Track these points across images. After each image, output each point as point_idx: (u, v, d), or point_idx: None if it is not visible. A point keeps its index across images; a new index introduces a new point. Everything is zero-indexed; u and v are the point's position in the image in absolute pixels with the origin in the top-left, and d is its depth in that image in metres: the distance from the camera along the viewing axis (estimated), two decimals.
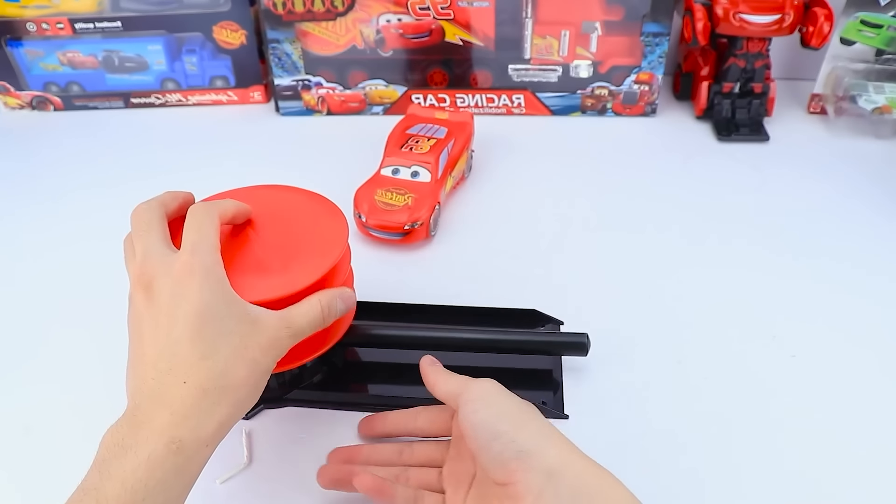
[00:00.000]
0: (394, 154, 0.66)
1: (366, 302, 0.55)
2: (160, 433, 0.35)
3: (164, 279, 0.38)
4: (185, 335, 0.37)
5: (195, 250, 0.39)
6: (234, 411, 0.38)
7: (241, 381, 0.38)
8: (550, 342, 0.53)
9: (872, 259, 0.63)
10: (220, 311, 0.38)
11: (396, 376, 0.54)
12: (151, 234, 0.41)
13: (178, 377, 0.37)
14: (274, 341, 0.40)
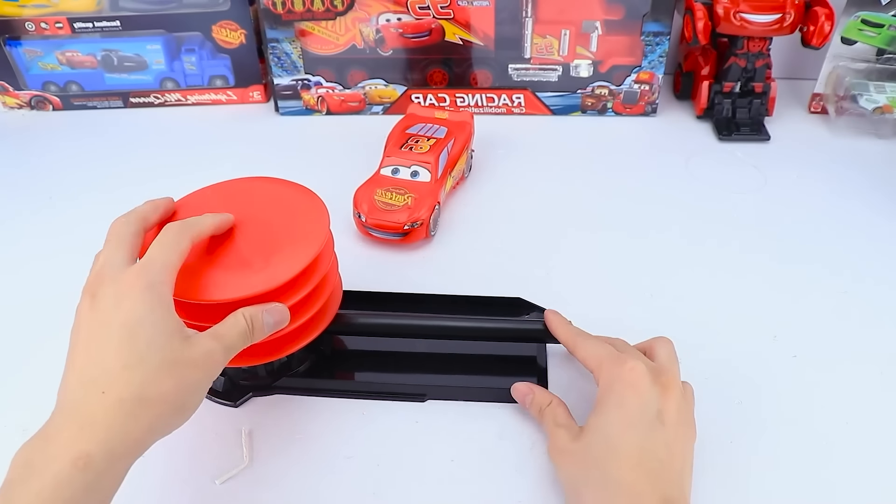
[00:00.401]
0: (393, 154, 0.66)
1: (353, 291, 0.56)
2: (67, 448, 0.34)
3: (108, 289, 0.39)
4: (112, 344, 0.37)
5: (147, 266, 0.39)
6: (155, 426, 0.37)
7: (164, 394, 0.37)
8: (535, 329, 0.53)
9: (873, 258, 0.63)
10: (153, 326, 0.38)
11: (382, 364, 0.55)
12: (118, 250, 0.41)
13: (98, 387, 0.36)
14: (207, 356, 0.39)
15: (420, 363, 0.55)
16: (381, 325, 0.53)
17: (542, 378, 0.53)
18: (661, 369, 0.44)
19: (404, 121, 0.71)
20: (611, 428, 0.42)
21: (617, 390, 0.43)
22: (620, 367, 0.43)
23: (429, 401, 0.52)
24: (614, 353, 0.45)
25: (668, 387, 0.43)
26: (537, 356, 0.54)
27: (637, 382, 0.43)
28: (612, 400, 0.43)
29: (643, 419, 0.41)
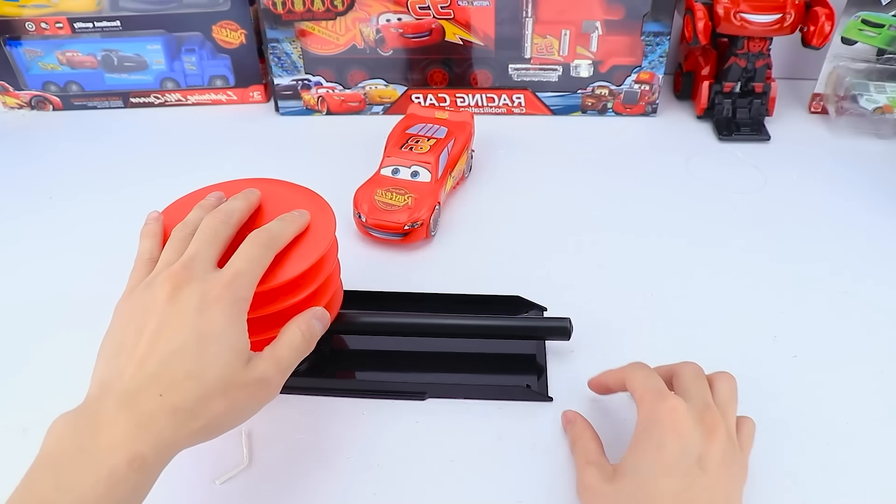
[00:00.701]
0: (394, 154, 0.66)
1: (353, 290, 0.56)
2: (123, 446, 0.34)
3: (194, 290, 0.38)
4: (183, 347, 0.37)
5: (236, 279, 0.40)
6: (194, 438, 0.37)
7: (214, 414, 0.37)
8: (534, 327, 0.54)
9: (873, 258, 0.63)
10: (225, 342, 0.38)
11: (383, 363, 0.55)
12: (210, 247, 0.41)
13: (157, 388, 0.36)
14: (261, 382, 0.40)
15: (420, 362, 0.55)
16: (380, 323, 0.53)
17: (542, 376, 0.53)
18: (706, 410, 0.41)
19: (404, 121, 0.71)
20: (647, 472, 0.39)
21: (656, 430, 0.40)
22: (661, 404, 0.40)
23: (429, 400, 0.52)
24: (658, 388, 0.42)
25: (713, 429, 0.40)
26: (536, 354, 0.55)
27: (678, 424, 0.39)
28: (651, 441, 0.40)
29: (682, 465, 0.38)
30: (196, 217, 0.44)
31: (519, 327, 0.54)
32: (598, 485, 0.41)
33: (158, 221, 0.45)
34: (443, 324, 0.53)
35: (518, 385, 0.52)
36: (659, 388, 0.42)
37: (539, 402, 0.51)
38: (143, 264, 0.43)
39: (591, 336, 0.55)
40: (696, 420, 0.40)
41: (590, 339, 0.55)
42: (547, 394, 0.52)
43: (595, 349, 0.55)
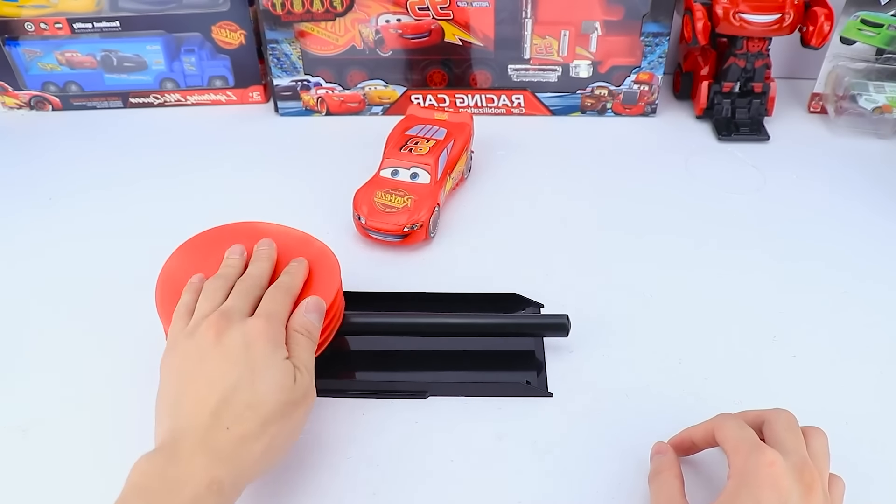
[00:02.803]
0: (393, 155, 0.66)
1: (352, 292, 0.56)
2: (203, 473, 0.38)
3: (236, 331, 0.43)
4: (239, 383, 0.41)
5: (270, 320, 0.44)
6: (260, 464, 0.41)
7: (275, 434, 0.41)
8: (533, 324, 0.55)
9: (872, 258, 0.63)
10: (275, 372, 0.42)
11: (383, 363, 0.56)
12: (243, 300, 0.45)
13: (224, 423, 0.40)
14: (306, 392, 0.44)
15: (420, 361, 0.55)
16: (380, 324, 0.54)
17: (541, 372, 0.53)
18: (805, 465, 0.39)
19: (403, 122, 0.71)
20: None
21: (752, 484, 0.38)
22: (759, 458, 0.38)
23: (429, 400, 0.52)
24: (753, 440, 0.40)
25: (811, 486, 0.38)
26: (535, 350, 0.55)
27: (777, 479, 0.37)
28: (748, 495, 0.37)
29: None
30: (225, 273, 0.48)
31: (518, 324, 0.55)
32: None
33: (201, 280, 0.48)
34: (442, 322, 0.53)
35: (518, 382, 0.53)
36: (753, 440, 0.40)
37: (538, 401, 0.52)
38: (181, 316, 0.46)
39: (590, 334, 0.56)
40: (795, 477, 0.38)
41: (589, 338, 0.55)
42: (547, 390, 0.52)
43: (594, 347, 0.55)
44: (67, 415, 0.51)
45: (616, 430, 0.50)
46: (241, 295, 0.46)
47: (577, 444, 0.49)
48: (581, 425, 0.50)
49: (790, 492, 0.37)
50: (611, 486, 0.46)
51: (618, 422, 0.50)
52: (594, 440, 0.49)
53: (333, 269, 0.51)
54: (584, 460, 0.48)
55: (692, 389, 0.52)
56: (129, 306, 0.57)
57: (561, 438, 0.49)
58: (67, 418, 0.51)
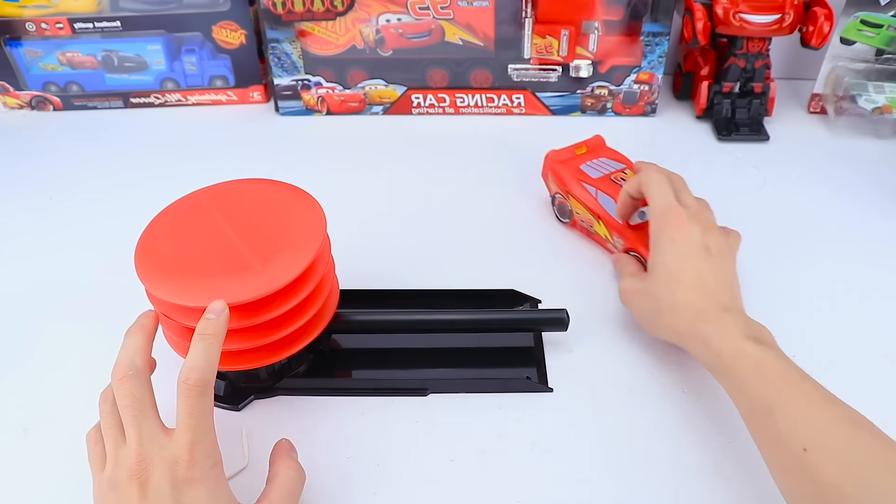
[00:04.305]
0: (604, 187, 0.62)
1: (349, 289, 0.56)
2: None
3: (161, 477, 0.37)
4: None
5: (193, 453, 0.37)
6: None
7: None
8: (532, 319, 0.55)
9: (872, 258, 0.63)
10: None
11: (382, 361, 0.55)
12: (146, 421, 0.39)
13: None
14: None
15: (419, 358, 0.55)
16: (378, 321, 0.54)
17: (541, 367, 0.53)
18: (699, 212, 0.53)
19: (564, 159, 0.66)
20: (670, 262, 0.50)
21: (667, 232, 0.51)
22: (667, 212, 0.52)
23: (429, 400, 0.52)
24: (669, 202, 0.52)
25: (707, 226, 0.51)
26: (534, 346, 0.55)
27: (682, 224, 0.51)
28: (665, 240, 0.51)
29: (694, 251, 0.50)
30: (113, 390, 0.41)
31: (518, 320, 0.55)
32: (635, 285, 0.54)
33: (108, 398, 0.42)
34: (440, 319, 0.53)
35: (518, 377, 0.53)
36: (667, 201, 0.52)
37: (539, 400, 0.52)
38: (98, 459, 0.40)
39: (589, 332, 0.56)
40: (694, 219, 0.51)
41: (588, 335, 0.56)
42: (547, 384, 0.52)
43: (594, 344, 0.55)
44: (67, 415, 0.51)
45: (616, 428, 0.50)
46: (138, 416, 0.39)
47: (578, 442, 0.49)
48: (581, 423, 0.50)
49: (694, 229, 0.51)
50: (611, 484, 0.47)
51: (618, 419, 0.50)
52: (594, 438, 0.49)
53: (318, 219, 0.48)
54: (585, 458, 0.48)
55: (693, 386, 0.52)
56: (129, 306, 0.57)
57: (561, 437, 0.49)
58: (67, 418, 0.51)
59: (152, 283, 0.44)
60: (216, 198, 0.50)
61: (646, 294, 0.52)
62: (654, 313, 0.51)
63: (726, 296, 0.48)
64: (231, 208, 0.49)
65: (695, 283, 0.48)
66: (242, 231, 0.47)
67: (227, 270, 0.45)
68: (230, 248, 0.46)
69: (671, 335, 0.50)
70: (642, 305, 0.53)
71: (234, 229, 0.47)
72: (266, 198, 0.50)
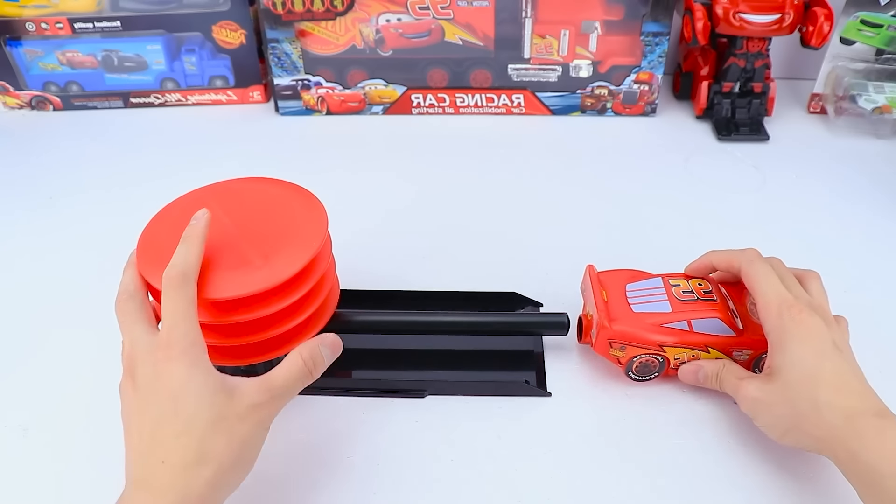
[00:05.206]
0: None
1: (350, 290, 0.56)
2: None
3: (144, 366, 0.40)
4: (161, 416, 0.39)
5: (171, 336, 0.40)
6: (216, 482, 0.38)
7: (219, 452, 0.38)
8: (532, 322, 0.55)
9: (873, 258, 0.63)
10: (195, 389, 0.39)
11: (382, 361, 0.56)
12: (136, 326, 0.42)
13: (158, 458, 0.38)
14: (253, 408, 0.40)
15: (419, 359, 0.55)
16: (378, 322, 0.53)
17: (541, 371, 0.53)
18: (818, 305, 0.47)
19: (622, 315, 0.51)
20: (802, 362, 0.44)
21: (791, 330, 0.45)
22: (786, 307, 0.46)
23: (429, 400, 0.52)
24: (784, 296, 0.47)
25: (828, 319, 0.46)
26: (534, 349, 0.55)
27: (805, 319, 0.45)
28: (792, 339, 0.45)
29: (826, 349, 0.44)
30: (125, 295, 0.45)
31: (518, 323, 0.54)
32: (763, 389, 0.46)
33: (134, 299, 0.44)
34: (440, 321, 0.53)
35: (517, 381, 0.53)
36: (783, 295, 0.47)
37: (538, 401, 0.52)
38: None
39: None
40: (814, 312, 0.46)
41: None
42: (546, 388, 0.52)
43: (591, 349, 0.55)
44: (67, 415, 0.51)
45: (615, 430, 0.50)
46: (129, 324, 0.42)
47: (577, 443, 0.49)
48: (581, 425, 0.50)
49: (822, 327, 0.45)
50: (611, 485, 0.47)
51: (617, 421, 0.50)
52: (594, 440, 0.49)
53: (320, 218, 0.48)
54: (584, 459, 0.48)
55: (692, 388, 0.52)
56: None
57: (561, 438, 0.49)
58: (67, 418, 0.51)
59: (153, 276, 0.45)
60: (220, 195, 0.50)
61: (779, 399, 0.45)
62: (789, 419, 0.44)
63: (873, 397, 0.43)
64: (234, 205, 0.49)
65: (836, 383, 0.43)
66: (244, 228, 0.47)
67: (227, 265, 0.45)
68: (232, 243, 0.46)
69: (809, 442, 0.44)
70: (774, 412, 0.45)
71: (237, 226, 0.47)
72: (269, 196, 0.50)
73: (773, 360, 0.46)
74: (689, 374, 0.51)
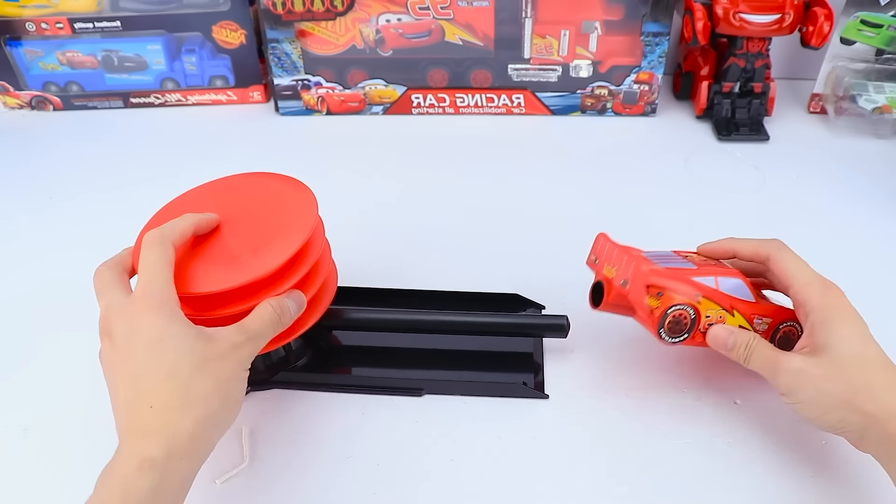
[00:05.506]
0: None
1: (351, 287, 0.56)
2: (132, 456, 0.37)
3: (119, 323, 0.41)
4: (145, 365, 0.39)
5: (145, 290, 0.41)
6: (205, 420, 0.39)
7: (206, 391, 0.40)
8: (531, 324, 0.54)
9: (873, 258, 0.63)
10: (174, 337, 0.40)
11: (380, 359, 0.56)
12: (112, 291, 0.43)
13: (146, 403, 0.39)
14: (232, 348, 0.41)
15: (418, 358, 0.55)
16: (378, 319, 0.54)
17: (539, 373, 0.53)
18: None
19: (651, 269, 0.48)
20: (851, 340, 0.45)
21: (836, 310, 0.46)
22: (833, 291, 0.47)
23: (429, 400, 0.52)
24: (824, 279, 0.48)
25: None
26: (534, 352, 0.55)
27: (850, 307, 0.46)
28: (838, 318, 0.45)
29: (867, 334, 0.45)
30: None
31: (516, 324, 0.54)
32: (807, 362, 0.44)
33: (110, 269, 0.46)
34: (440, 320, 0.53)
35: (515, 382, 0.53)
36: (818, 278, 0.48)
37: (538, 402, 0.52)
38: None
39: (589, 335, 0.56)
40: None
41: (588, 338, 0.55)
42: (543, 391, 0.52)
43: (593, 348, 0.55)
44: (67, 415, 0.51)
45: (615, 432, 0.50)
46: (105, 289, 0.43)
47: (577, 444, 0.49)
48: (580, 426, 0.50)
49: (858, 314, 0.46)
50: (610, 486, 0.47)
51: (617, 423, 0.50)
52: (593, 441, 0.49)
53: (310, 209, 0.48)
54: (584, 460, 0.48)
55: (692, 390, 0.52)
56: None
57: (561, 439, 0.49)
58: (67, 418, 0.51)
59: None
60: (217, 192, 0.51)
61: (828, 373, 0.44)
62: (839, 395, 0.43)
63: None
64: (226, 202, 0.49)
65: (883, 363, 0.44)
66: (234, 224, 0.48)
67: (215, 261, 0.45)
68: (220, 241, 0.47)
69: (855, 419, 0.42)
70: (821, 386, 0.44)
71: (226, 222, 0.48)
72: (260, 189, 0.51)
73: (817, 337, 0.45)
74: (720, 337, 0.47)
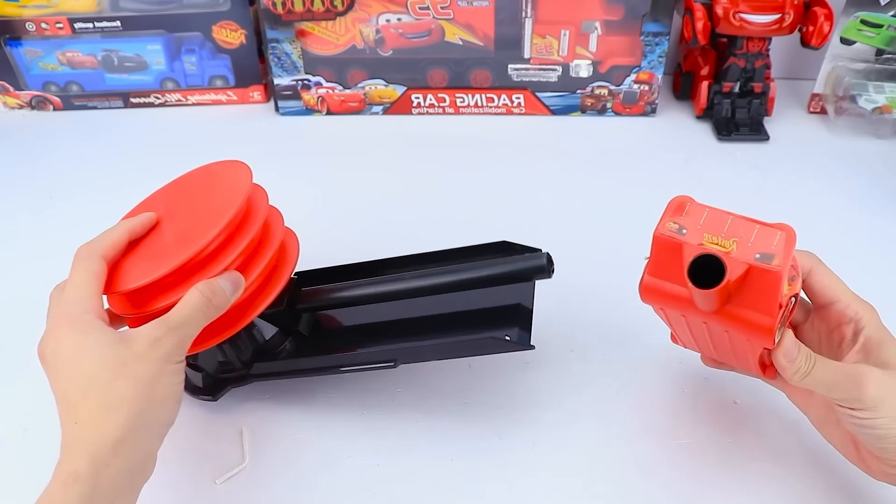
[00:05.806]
0: None
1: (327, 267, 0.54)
2: (59, 474, 0.37)
3: (46, 347, 0.41)
4: (67, 380, 0.39)
5: (63, 309, 0.42)
6: (132, 423, 0.38)
7: (129, 395, 0.39)
8: (503, 273, 0.48)
9: (873, 258, 0.63)
10: (90, 347, 0.40)
11: (361, 337, 0.53)
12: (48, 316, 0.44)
13: (71, 419, 0.39)
14: (151, 345, 0.40)
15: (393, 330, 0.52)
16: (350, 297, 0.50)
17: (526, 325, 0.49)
18: None
19: None
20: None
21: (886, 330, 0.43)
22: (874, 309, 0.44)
23: (431, 399, 0.52)
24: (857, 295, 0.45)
25: None
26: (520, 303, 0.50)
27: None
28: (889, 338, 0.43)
29: None
30: None
31: (493, 274, 0.48)
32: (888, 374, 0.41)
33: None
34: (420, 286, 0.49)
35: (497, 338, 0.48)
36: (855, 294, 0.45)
37: (539, 402, 0.52)
38: None
39: (590, 334, 0.56)
40: None
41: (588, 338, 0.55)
42: (530, 343, 0.48)
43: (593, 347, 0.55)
44: None
45: (616, 430, 0.50)
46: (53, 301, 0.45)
47: (577, 444, 0.49)
48: (581, 425, 0.50)
49: None
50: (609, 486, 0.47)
51: (617, 421, 0.50)
52: (593, 439, 0.49)
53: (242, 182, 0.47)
54: (584, 461, 0.48)
55: (692, 389, 0.52)
56: None
57: (561, 439, 0.49)
58: None
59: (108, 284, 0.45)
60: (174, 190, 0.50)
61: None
62: None
63: None
64: (177, 197, 0.49)
65: None
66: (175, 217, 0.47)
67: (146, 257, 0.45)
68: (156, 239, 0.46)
69: None
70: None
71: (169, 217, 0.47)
72: (204, 178, 0.49)
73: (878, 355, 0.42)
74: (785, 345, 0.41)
